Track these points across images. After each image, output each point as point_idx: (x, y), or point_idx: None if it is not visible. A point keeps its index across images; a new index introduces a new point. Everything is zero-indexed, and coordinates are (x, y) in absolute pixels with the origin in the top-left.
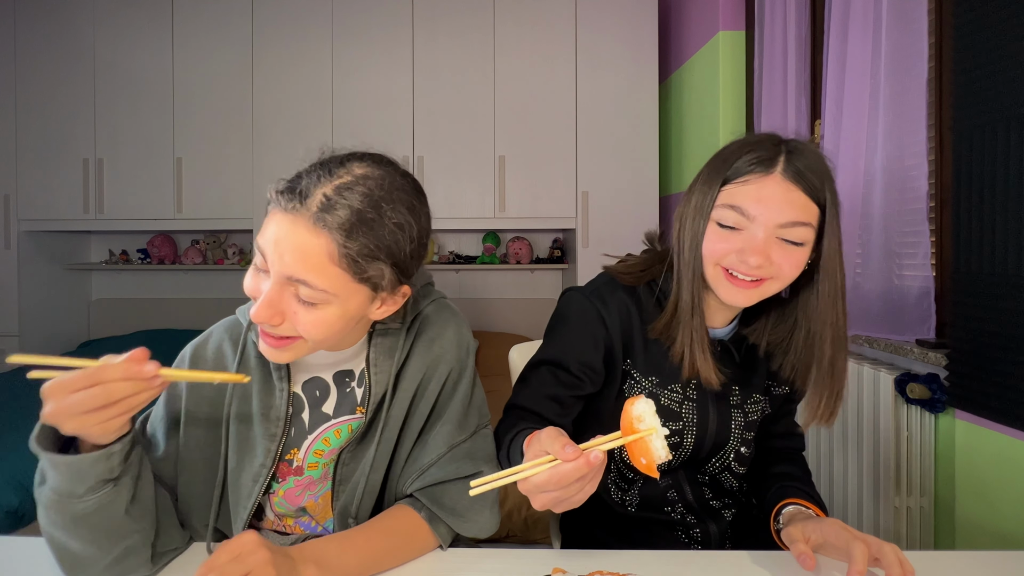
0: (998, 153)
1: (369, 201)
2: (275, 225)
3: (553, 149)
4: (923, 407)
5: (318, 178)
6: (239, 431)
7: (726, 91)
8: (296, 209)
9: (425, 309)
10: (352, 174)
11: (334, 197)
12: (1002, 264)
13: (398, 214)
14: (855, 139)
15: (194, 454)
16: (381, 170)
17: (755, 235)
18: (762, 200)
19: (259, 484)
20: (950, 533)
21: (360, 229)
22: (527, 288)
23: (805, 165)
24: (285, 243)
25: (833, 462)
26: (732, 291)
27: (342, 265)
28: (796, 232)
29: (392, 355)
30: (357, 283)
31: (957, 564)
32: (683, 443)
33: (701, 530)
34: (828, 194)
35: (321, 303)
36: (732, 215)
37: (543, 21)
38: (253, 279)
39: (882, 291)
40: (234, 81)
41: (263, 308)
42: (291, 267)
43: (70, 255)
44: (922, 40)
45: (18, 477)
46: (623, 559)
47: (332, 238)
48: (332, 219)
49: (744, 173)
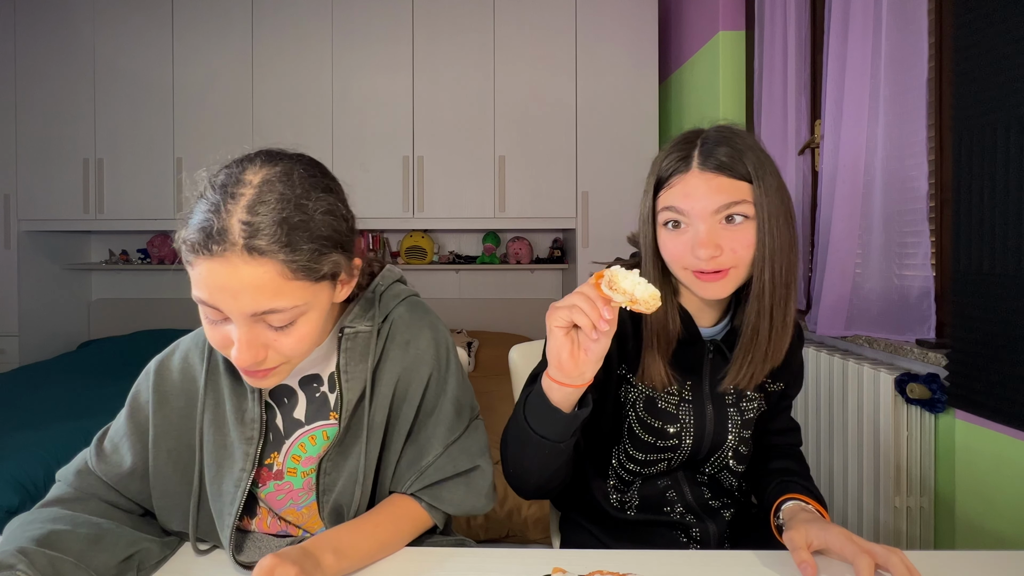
0: (998, 153)
1: (288, 205)
2: (208, 274)
3: (553, 149)
4: (923, 407)
5: (223, 208)
6: (215, 439)
7: (726, 91)
8: (223, 251)
9: (395, 310)
10: (253, 186)
11: (252, 219)
12: (1002, 264)
13: (320, 202)
14: (855, 139)
15: (167, 468)
16: (277, 167)
17: (697, 229)
18: (689, 195)
19: (241, 489)
20: (950, 533)
21: (297, 236)
22: (527, 288)
23: (719, 152)
24: (232, 286)
25: (833, 462)
26: (705, 287)
27: (298, 277)
28: (731, 212)
29: (364, 359)
30: (318, 283)
31: (957, 564)
32: (681, 444)
33: (700, 530)
34: (750, 166)
35: (298, 318)
36: (672, 215)
37: (543, 21)
38: (214, 331)
39: (882, 291)
40: (234, 81)
41: (244, 353)
42: (251, 304)
43: (70, 255)
44: (922, 40)
45: (18, 477)
46: (623, 559)
47: (275, 259)
48: (264, 242)
49: (669, 176)
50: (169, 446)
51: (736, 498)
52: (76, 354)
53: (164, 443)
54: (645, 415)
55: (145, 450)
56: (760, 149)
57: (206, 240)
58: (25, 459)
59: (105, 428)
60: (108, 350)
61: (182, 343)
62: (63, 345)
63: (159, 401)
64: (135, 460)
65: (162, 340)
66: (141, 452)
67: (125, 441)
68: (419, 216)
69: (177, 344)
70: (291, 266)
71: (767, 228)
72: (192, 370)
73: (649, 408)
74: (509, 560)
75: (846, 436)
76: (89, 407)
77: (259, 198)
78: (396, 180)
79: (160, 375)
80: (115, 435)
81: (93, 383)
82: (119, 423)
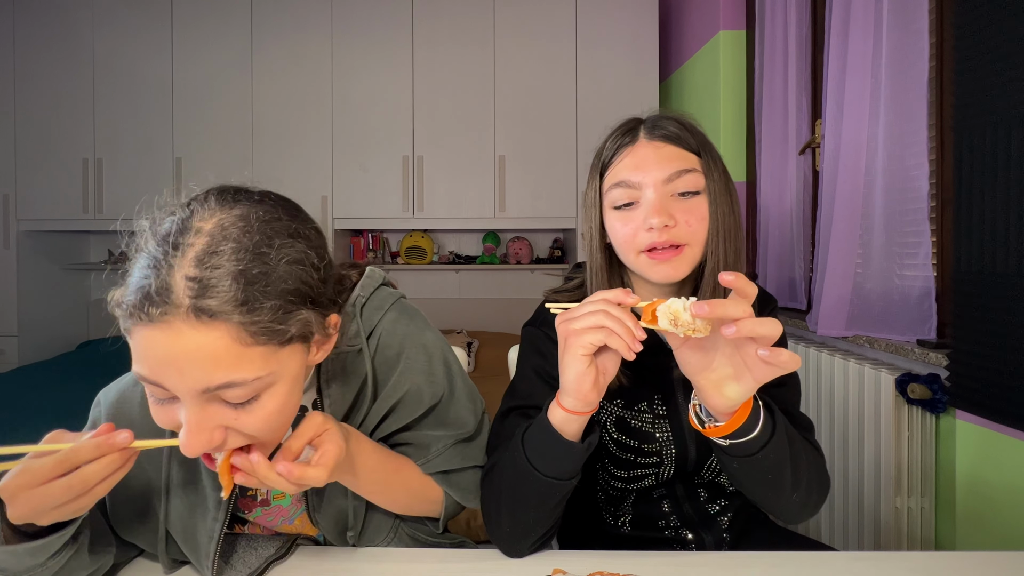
0: (998, 153)
1: (247, 255)
2: (148, 344)
3: (553, 149)
4: (924, 407)
5: (165, 263)
6: (184, 480)
7: (726, 91)
8: (164, 315)
9: (380, 323)
10: (204, 234)
11: (202, 274)
12: (1002, 264)
13: (285, 249)
14: (855, 139)
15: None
16: (235, 209)
17: (648, 198)
18: (639, 165)
19: (214, 540)
20: (950, 533)
21: (256, 292)
22: (527, 288)
23: (666, 125)
24: (176, 358)
25: (833, 462)
26: (659, 268)
27: (259, 342)
28: (685, 181)
29: (347, 380)
30: (284, 348)
31: (957, 564)
32: (664, 463)
33: (696, 543)
34: (697, 140)
35: (262, 392)
36: (621, 192)
37: (543, 21)
38: (161, 412)
39: (882, 291)
40: (234, 81)
41: (192, 438)
42: (201, 379)
43: (69, 255)
44: (922, 40)
45: None
46: (623, 559)
47: (229, 321)
48: (215, 302)
49: (615, 153)
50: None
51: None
52: (76, 354)
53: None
54: (619, 435)
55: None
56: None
57: (143, 302)
58: None
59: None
60: (108, 350)
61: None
62: (63, 345)
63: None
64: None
65: None
66: None
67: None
68: (419, 216)
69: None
70: (249, 329)
71: (718, 202)
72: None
73: (621, 428)
74: (509, 560)
75: (846, 436)
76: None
77: (211, 248)
78: (396, 180)
79: (120, 409)
80: None
81: (92, 384)
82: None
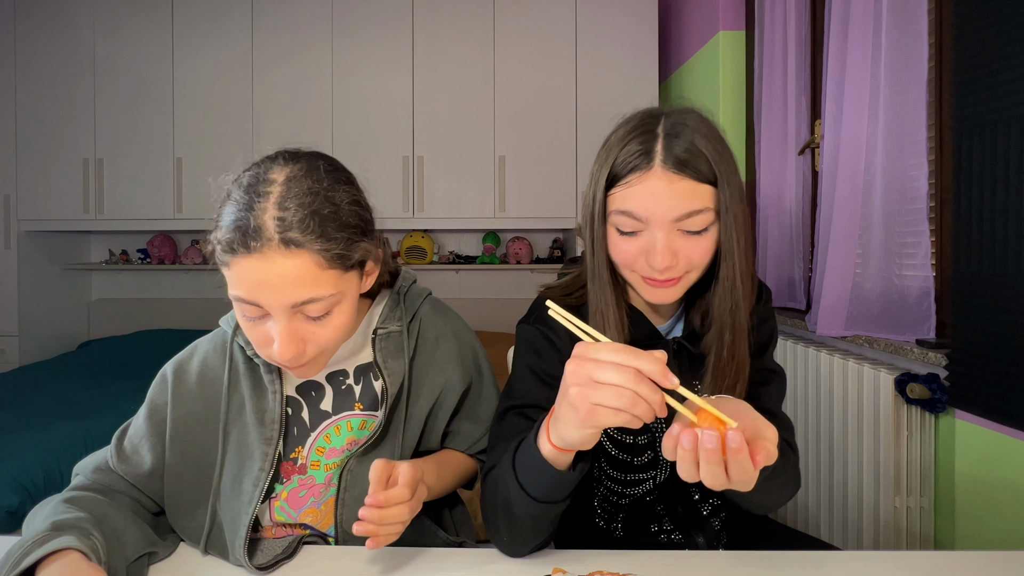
0: (998, 153)
1: (315, 198)
2: (247, 271)
3: (553, 149)
4: (923, 407)
5: (254, 207)
6: (238, 439)
7: (726, 91)
8: (260, 247)
9: (420, 308)
10: (279, 183)
11: (284, 215)
12: (1002, 264)
13: (344, 193)
14: (855, 139)
15: (179, 468)
16: (298, 164)
17: (654, 237)
18: (649, 201)
19: (259, 488)
20: (950, 533)
21: (329, 227)
22: (527, 288)
23: (685, 148)
24: (272, 280)
25: (833, 462)
26: (654, 292)
27: (333, 266)
28: (694, 222)
29: (399, 355)
30: (349, 272)
31: (956, 564)
32: (658, 456)
33: (689, 546)
34: (717, 169)
35: (333, 307)
36: (626, 221)
37: (543, 21)
38: (254, 329)
39: (882, 291)
40: (234, 81)
41: (287, 347)
42: (291, 296)
43: (70, 255)
44: (922, 40)
45: (18, 477)
46: (623, 559)
47: (311, 249)
48: (299, 235)
49: (626, 174)
50: (183, 447)
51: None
52: (76, 354)
53: (179, 444)
54: (614, 431)
55: (164, 449)
56: (719, 138)
57: (243, 238)
58: (25, 459)
59: (123, 427)
60: (108, 350)
61: (200, 346)
62: (63, 345)
63: (176, 403)
64: (155, 461)
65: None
66: (160, 452)
67: (145, 442)
68: (419, 216)
69: (195, 347)
70: (326, 255)
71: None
72: (211, 373)
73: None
74: (509, 560)
75: (846, 436)
76: (89, 407)
77: (287, 193)
78: (396, 180)
79: (178, 378)
80: (134, 436)
81: (93, 383)
82: (138, 424)
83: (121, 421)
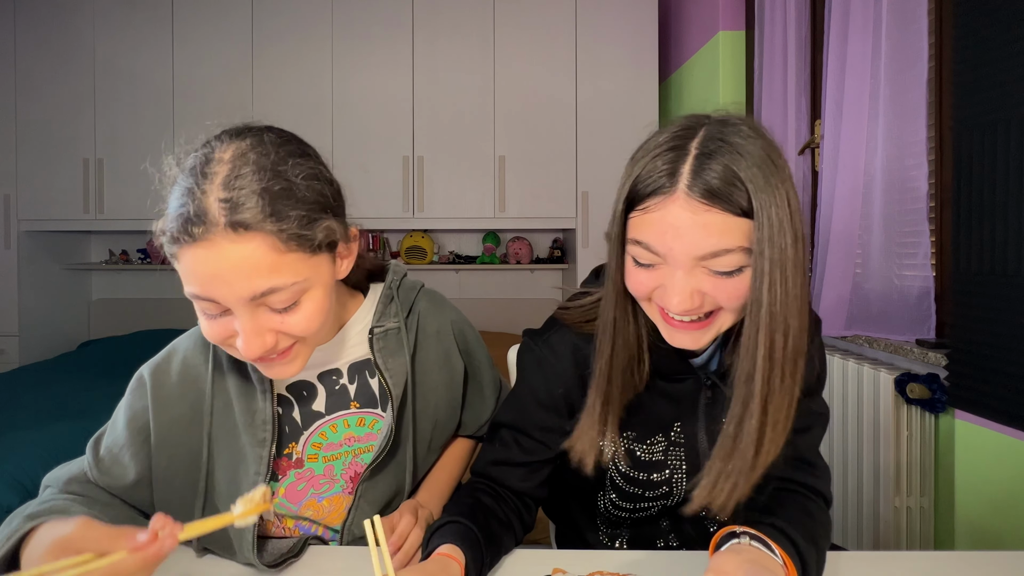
0: (998, 153)
1: (265, 174)
2: (195, 263)
3: (553, 149)
4: (923, 407)
5: (197, 189)
6: (228, 444)
7: (726, 91)
8: (205, 233)
9: (416, 303)
10: (225, 162)
11: (231, 194)
12: (1002, 264)
13: (297, 167)
14: (855, 139)
15: (168, 474)
16: (245, 140)
17: (672, 275)
18: (667, 233)
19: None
20: (950, 533)
21: (281, 204)
22: (527, 288)
23: (718, 173)
24: (224, 271)
25: (833, 462)
26: (676, 335)
27: (292, 248)
28: (721, 262)
29: (399, 353)
30: (315, 255)
31: (957, 564)
32: (672, 492)
33: None
34: (752, 192)
35: (300, 296)
36: (643, 253)
37: (543, 21)
38: (213, 326)
39: (882, 291)
40: (234, 81)
41: (251, 342)
42: (248, 287)
43: (70, 255)
44: (922, 40)
45: (18, 477)
46: (623, 559)
47: (263, 230)
48: (248, 215)
49: (645, 195)
50: (171, 452)
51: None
52: (76, 354)
53: (165, 450)
54: (628, 469)
55: (148, 458)
56: (767, 160)
57: (185, 225)
58: (25, 459)
59: (97, 436)
60: (108, 350)
61: (178, 346)
62: (63, 345)
63: (158, 408)
64: (139, 469)
65: (162, 340)
66: (144, 460)
67: (126, 451)
68: (419, 216)
69: (173, 347)
70: (281, 236)
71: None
72: (193, 372)
73: (631, 461)
74: (509, 560)
75: (846, 436)
76: (89, 407)
77: (234, 172)
78: (396, 180)
79: (158, 381)
80: (113, 446)
81: (93, 383)
82: (116, 433)
83: None
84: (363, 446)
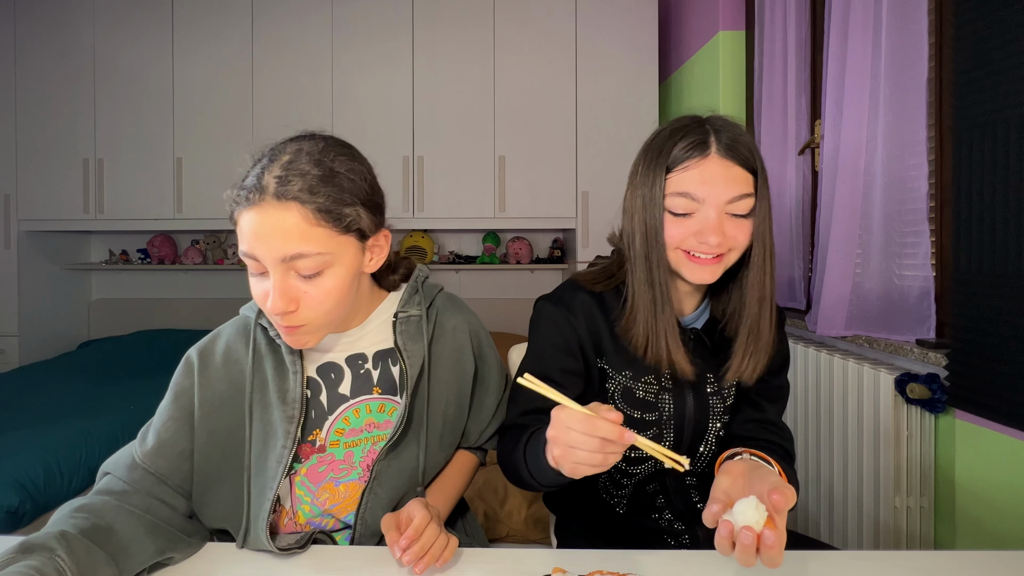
0: (998, 153)
1: (315, 162)
2: (246, 224)
3: (553, 149)
4: (923, 407)
5: (264, 168)
6: (262, 418)
7: (726, 91)
8: (258, 200)
9: (437, 298)
10: (289, 152)
11: (285, 173)
12: (1002, 264)
13: (343, 164)
14: (855, 139)
15: (207, 448)
16: (312, 140)
17: (708, 216)
18: (706, 182)
19: (282, 465)
20: (950, 533)
21: (320, 184)
22: (527, 288)
23: (732, 139)
24: (264, 231)
25: (833, 462)
26: (696, 270)
27: (321, 222)
28: (742, 204)
29: (419, 338)
30: (343, 235)
31: (956, 564)
32: (663, 434)
33: (690, 536)
34: (757, 160)
35: (323, 269)
36: (682, 202)
37: (543, 21)
38: (256, 285)
39: (882, 291)
40: (234, 81)
41: (277, 298)
42: (280, 248)
43: (70, 255)
44: (922, 40)
45: (18, 477)
46: (623, 559)
47: (300, 202)
48: (292, 188)
49: (683, 160)
50: (211, 427)
51: None
52: (76, 354)
53: (206, 424)
54: (623, 406)
55: (192, 431)
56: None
57: (247, 191)
58: (25, 459)
59: (147, 424)
60: (108, 350)
61: (223, 331)
62: (63, 345)
63: (203, 385)
64: (184, 442)
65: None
66: (188, 433)
67: (171, 425)
68: (419, 216)
69: (218, 332)
70: (312, 208)
71: (763, 219)
72: (235, 355)
73: (627, 398)
74: (509, 560)
75: (846, 436)
76: (89, 407)
77: (292, 159)
78: (396, 180)
79: (204, 361)
80: (159, 423)
81: (93, 383)
82: (162, 412)
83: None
84: (382, 433)
